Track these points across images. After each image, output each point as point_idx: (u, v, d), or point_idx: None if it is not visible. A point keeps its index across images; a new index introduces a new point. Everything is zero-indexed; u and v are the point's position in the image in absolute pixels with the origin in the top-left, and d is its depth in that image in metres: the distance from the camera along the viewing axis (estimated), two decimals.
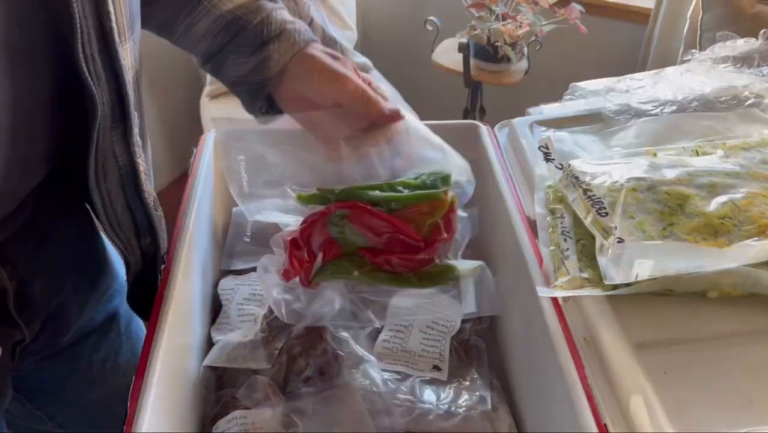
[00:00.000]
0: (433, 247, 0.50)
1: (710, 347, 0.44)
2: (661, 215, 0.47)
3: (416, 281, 0.51)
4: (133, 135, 0.48)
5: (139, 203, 0.52)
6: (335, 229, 0.51)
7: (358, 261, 0.51)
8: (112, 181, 0.49)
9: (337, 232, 0.51)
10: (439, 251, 0.51)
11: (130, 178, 0.50)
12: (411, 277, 0.51)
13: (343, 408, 0.52)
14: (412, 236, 0.50)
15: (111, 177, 0.48)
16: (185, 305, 0.53)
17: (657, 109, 0.65)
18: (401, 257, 0.50)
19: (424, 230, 0.50)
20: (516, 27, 1.64)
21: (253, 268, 0.66)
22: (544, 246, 0.52)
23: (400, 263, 0.50)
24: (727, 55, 0.74)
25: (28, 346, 0.54)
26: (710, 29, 1.36)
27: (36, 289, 0.52)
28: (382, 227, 0.50)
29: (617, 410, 0.41)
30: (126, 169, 0.49)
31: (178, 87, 2.06)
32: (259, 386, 0.54)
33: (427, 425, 0.52)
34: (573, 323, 0.46)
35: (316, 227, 0.51)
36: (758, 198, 0.47)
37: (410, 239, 0.50)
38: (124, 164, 0.49)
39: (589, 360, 0.44)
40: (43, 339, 0.56)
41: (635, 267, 0.43)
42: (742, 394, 0.41)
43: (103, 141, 0.46)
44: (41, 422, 0.66)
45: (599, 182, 0.51)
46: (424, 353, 0.59)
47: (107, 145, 0.47)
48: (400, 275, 0.51)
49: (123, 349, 0.68)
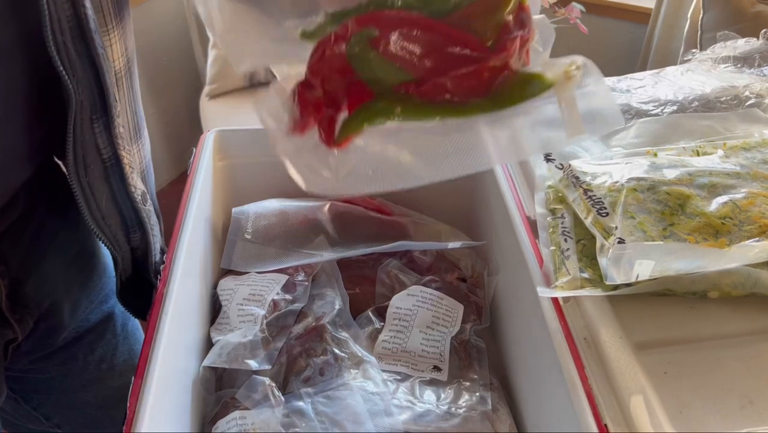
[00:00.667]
0: (506, 48, 0.34)
1: (711, 348, 0.44)
2: (661, 215, 0.47)
3: (490, 105, 0.34)
4: (116, 127, 0.47)
5: (125, 197, 0.51)
6: (359, 62, 0.34)
7: (399, 97, 0.35)
8: (94, 174, 0.47)
9: (361, 65, 0.35)
10: (516, 53, 0.34)
11: (115, 171, 0.49)
12: (482, 101, 0.34)
13: (343, 408, 0.52)
14: (472, 44, 0.34)
15: (94, 170, 0.47)
16: (185, 305, 0.53)
17: (657, 109, 0.65)
18: (461, 75, 0.33)
19: (487, 35, 0.34)
20: None
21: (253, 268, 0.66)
22: (544, 246, 0.52)
23: (461, 83, 0.33)
24: (728, 55, 0.74)
25: (21, 345, 0.54)
26: (711, 29, 1.36)
27: (28, 287, 0.52)
28: (426, 42, 0.33)
29: (617, 410, 0.41)
30: (111, 162, 0.48)
31: (177, 87, 2.06)
32: (258, 386, 0.54)
33: (426, 425, 0.52)
34: (573, 323, 0.46)
35: (332, 62, 0.35)
36: (759, 198, 0.47)
37: (469, 50, 0.34)
38: (108, 157, 0.48)
39: (589, 360, 0.44)
40: (36, 338, 0.56)
41: (636, 267, 0.43)
42: (742, 394, 0.41)
43: (83, 133, 0.45)
44: (38, 422, 0.66)
45: (600, 182, 0.50)
46: (425, 354, 0.59)
47: (88, 138, 0.45)
48: (464, 103, 0.34)
49: (119, 350, 0.68)
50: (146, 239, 0.55)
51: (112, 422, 0.68)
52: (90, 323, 0.64)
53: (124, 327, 0.69)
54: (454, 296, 0.64)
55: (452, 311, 0.62)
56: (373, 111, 0.34)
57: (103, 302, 0.65)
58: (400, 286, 0.65)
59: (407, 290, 0.63)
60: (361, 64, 0.34)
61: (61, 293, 0.57)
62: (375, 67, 0.34)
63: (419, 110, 0.34)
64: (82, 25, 0.42)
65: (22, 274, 0.51)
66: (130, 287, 0.57)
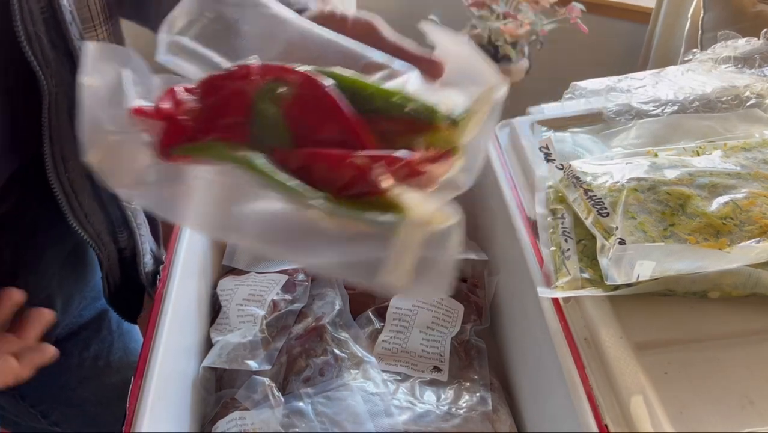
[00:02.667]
0: (387, 160, 0.30)
1: (711, 348, 0.44)
2: (662, 215, 0.47)
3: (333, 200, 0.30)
4: None
5: (110, 195, 0.50)
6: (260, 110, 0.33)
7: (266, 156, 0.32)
8: (76, 170, 0.47)
9: (260, 114, 0.33)
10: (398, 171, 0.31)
11: None
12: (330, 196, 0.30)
13: (343, 409, 0.52)
14: (363, 138, 0.32)
15: (74, 165, 0.46)
16: (184, 306, 0.53)
17: (658, 110, 0.65)
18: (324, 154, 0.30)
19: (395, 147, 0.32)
20: (517, 26, 1.64)
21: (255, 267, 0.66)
22: (544, 246, 0.52)
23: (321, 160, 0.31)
24: (729, 55, 0.74)
25: None
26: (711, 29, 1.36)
27: (21, 282, 0.52)
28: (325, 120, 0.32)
29: (618, 411, 0.40)
30: None
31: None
32: (258, 386, 0.54)
33: (427, 425, 0.52)
34: (574, 323, 0.46)
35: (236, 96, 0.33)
36: (759, 198, 0.47)
37: (356, 141, 0.32)
38: None
39: (589, 360, 0.44)
40: None
41: (636, 268, 0.43)
42: (742, 394, 0.41)
43: (59, 126, 0.44)
44: (36, 420, 0.66)
45: (600, 183, 0.50)
46: (425, 354, 0.59)
47: (66, 132, 0.44)
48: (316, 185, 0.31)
49: (115, 347, 0.68)
50: (134, 238, 0.54)
51: (112, 420, 0.68)
52: (83, 319, 0.64)
53: (120, 324, 0.69)
54: (454, 296, 0.64)
55: (452, 312, 0.62)
56: (235, 155, 0.32)
57: (96, 299, 0.64)
58: None
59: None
60: (261, 113, 0.33)
61: (54, 287, 0.56)
62: (270, 122, 0.33)
63: (271, 176, 0.31)
64: (57, 17, 0.41)
65: (16, 267, 0.51)
66: (120, 288, 0.57)
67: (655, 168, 0.51)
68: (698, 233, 0.46)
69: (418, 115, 0.33)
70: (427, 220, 0.30)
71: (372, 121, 0.33)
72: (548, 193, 0.56)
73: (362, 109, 0.33)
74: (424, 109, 0.33)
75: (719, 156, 0.53)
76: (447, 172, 0.34)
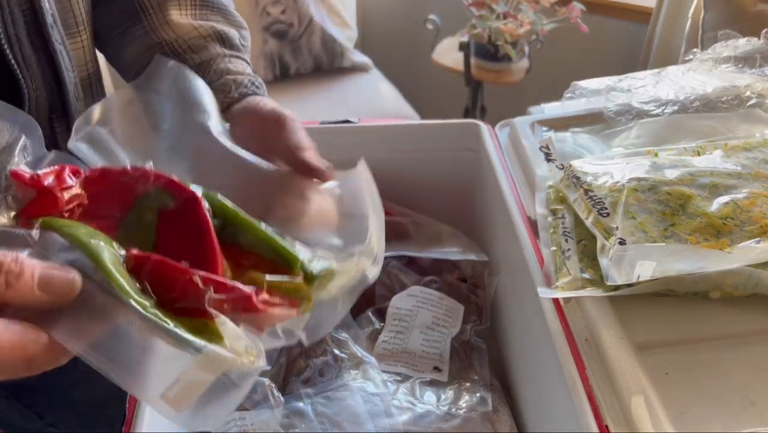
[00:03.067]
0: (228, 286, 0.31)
1: (712, 348, 0.44)
2: (662, 215, 0.47)
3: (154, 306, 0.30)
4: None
5: None
6: (139, 212, 0.34)
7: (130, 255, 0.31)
8: None
9: (136, 216, 0.34)
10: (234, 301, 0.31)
11: None
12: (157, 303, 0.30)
13: (342, 409, 0.52)
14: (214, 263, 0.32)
15: None
16: None
17: (658, 109, 0.65)
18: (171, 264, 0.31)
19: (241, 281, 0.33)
20: (517, 26, 1.64)
21: None
22: (545, 246, 0.52)
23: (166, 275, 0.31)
24: (729, 54, 0.74)
25: None
26: (712, 28, 1.36)
27: None
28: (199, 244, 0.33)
29: (618, 411, 0.40)
30: None
31: None
32: (258, 386, 0.54)
33: (427, 426, 0.52)
34: (574, 323, 0.46)
35: (119, 190, 0.34)
36: (760, 198, 0.47)
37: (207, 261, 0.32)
38: None
39: (590, 361, 0.44)
40: None
41: (637, 268, 0.43)
42: (743, 395, 0.41)
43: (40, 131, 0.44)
44: (32, 421, 0.66)
45: (600, 182, 0.50)
46: (425, 354, 0.59)
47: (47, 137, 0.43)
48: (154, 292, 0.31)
49: None
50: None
51: (107, 420, 0.68)
52: None
53: None
54: (454, 296, 0.64)
55: (452, 312, 0.62)
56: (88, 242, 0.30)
57: None
58: (400, 286, 0.64)
59: (407, 291, 0.63)
60: (138, 216, 0.34)
61: None
62: (142, 227, 0.34)
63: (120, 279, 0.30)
64: (38, 20, 0.41)
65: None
66: None
67: (656, 168, 0.51)
68: (699, 233, 0.46)
69: (278, 258, 0.35)
70: (235, 354, 0.30)
71: (235, 253, 0.34)
72: (548, 193, 0.56)
73: (230, 239, 0.34)
74: (287, 254, 0.35)
75: (720, 156, 0.53)
76: (286, 319, 0.34)
